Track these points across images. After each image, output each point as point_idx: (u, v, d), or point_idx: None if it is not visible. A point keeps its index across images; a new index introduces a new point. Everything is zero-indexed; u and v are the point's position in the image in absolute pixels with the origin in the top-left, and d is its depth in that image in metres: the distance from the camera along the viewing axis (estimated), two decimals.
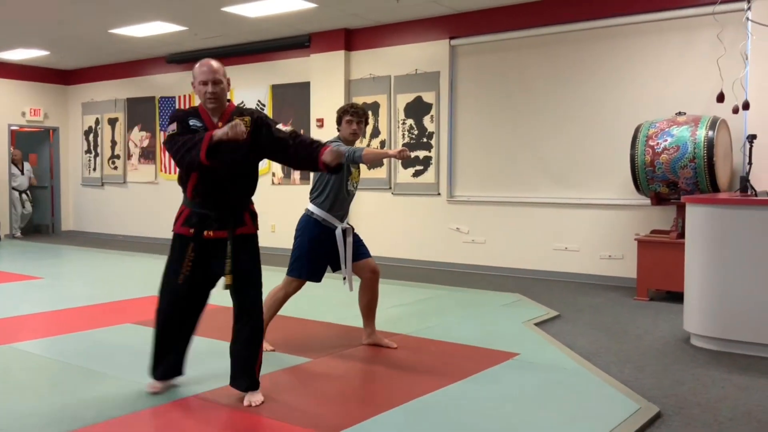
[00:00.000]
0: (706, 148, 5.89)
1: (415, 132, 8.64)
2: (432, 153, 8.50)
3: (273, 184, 9.90)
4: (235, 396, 3.46)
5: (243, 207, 3.46)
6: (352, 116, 4.31)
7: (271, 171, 9.91)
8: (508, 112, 7.94)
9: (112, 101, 12.23)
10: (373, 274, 4.42)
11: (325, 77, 9.28)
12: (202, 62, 3.36)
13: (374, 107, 8.90)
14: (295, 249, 4.33)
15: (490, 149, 8.10)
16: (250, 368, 3.41)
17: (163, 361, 3.55)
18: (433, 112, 8.50)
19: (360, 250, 4.41)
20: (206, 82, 3.32)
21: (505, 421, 3.24)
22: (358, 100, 8.84)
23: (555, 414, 3.33)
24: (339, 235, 4.28)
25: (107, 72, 12.23)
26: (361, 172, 4.70)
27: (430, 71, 8.51)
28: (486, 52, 8.13)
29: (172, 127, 3.33)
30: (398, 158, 4.24)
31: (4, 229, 12.04)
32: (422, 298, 6.38)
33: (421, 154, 8.57)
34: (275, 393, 3.53)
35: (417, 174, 8.64)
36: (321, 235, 4.28)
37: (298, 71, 9.69)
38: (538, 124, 7.72)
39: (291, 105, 9.82)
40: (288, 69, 9.85)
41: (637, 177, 6.31)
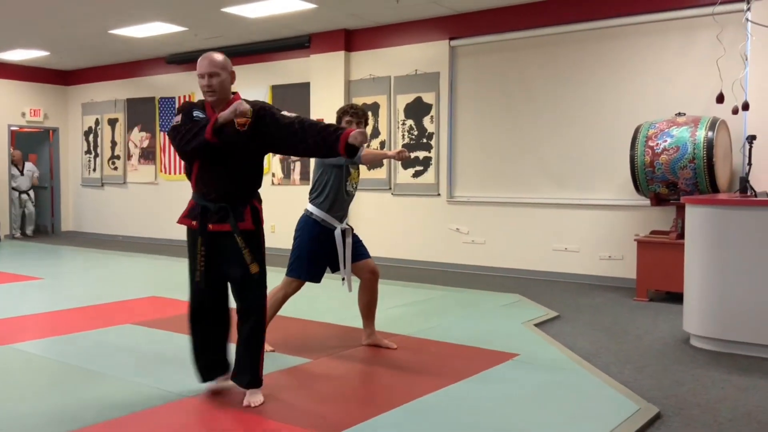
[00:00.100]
0: (705, 149, 5.89)
1: (415, 132, 8.64)
2: (432, 153, 8.51)
3: (273, 184, 9.90)
4: (235, 396, 3.46)
5: (243, 201, 3.38)
6: (351, 117, 4.31)
7: (271, 171, 9.91)
8: (508, 113, 7.95)
9: (112, 102, 12.23)
10: (372, 274, 4.42)
11: (325, 78, 9.28)
12: (203, 56, 3.40)
13: (374, 108, 8.90)
14: (294, 249, 4.33)
15: (490, 150, 8.10)
16: (251, 365, 3.40)
17: (203, 362, 3.52)
18: (432, 112, 8.50)
19: (359, 251, 4.40)
20: (203, 74, 3.35)
21: (505, 421, 3.24)
22: (358, 101, 8.85)
23: (555, 414, 3.33)
24: (338, 235, 4.28)
25: (107, 72, 12.23)
26: (361, 172, 4.70)
27: (430, 72, 8.51)
28: (486, 53, 8.14)
29: (177, 119, 3.37)
30: (397, 159, 4.25)
31: (4, 229, 12.04)
32: (422, 298, 6.38)
33: (421, 154, 8.57)
34: (275, 393, 3.53)
35: (417, 174, 8.64)
36: (320, 235, 4.28)
37: (298, 72, 9.69)
38: (538, 124, 7.73)
39: (291, 105, 9.80)
40: (288, 69, 9.85)
41: (636, 177, 6.31)
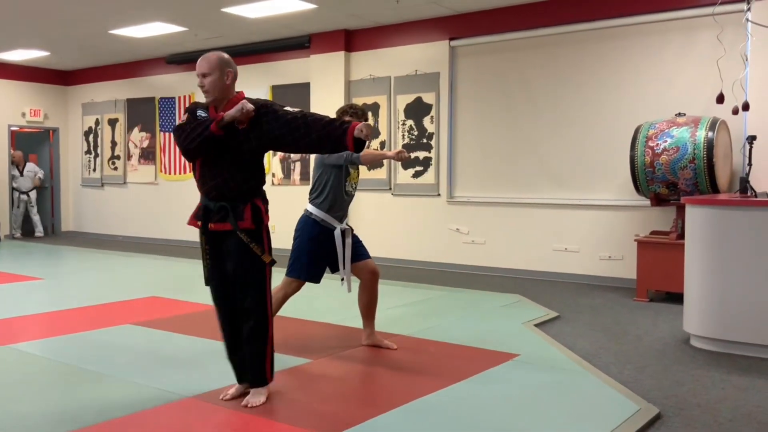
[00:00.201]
0: (705, 149, 5.89)
1: (415, 133, 8.64)
2: (432, 154, 8.50)
3: (273, 184, 9.89)
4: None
5: (243, 200, 3.35)
6: (352, 117, 4.30)
7: (271, 171, 9.91)
8: (508, 113, 7.94)
9: (112, 102, 12.23)
10: (372, 275, 4.42)
11: (325, 78, 9.28)
12: (202, 56, 3.42)
13: (374, 108, 8.90)
14: (294, 249, 4.33)
15: (490, 150, 8.10)
16: (254, 364, 3.40)
17: (233, 362, 3.52)
18: (433, 112, 8.50)
19: (360, 251, 4.40)
20: (198, 74, 3.39)
21: (505, 421, 3.24)
22: (358, 101, 8.85)
23: (555, 415, 3.33)
24: (338, 235, 4.28)
25: (107, 73, 12.23)
26: (361, 173, 4.69)
27: (430, 72, 8.51)
28: (486, 53, 8.14)
29: (182, 119, 3.42)
30: (396, 159, 4.25)
31: (3, 230, 12.04)
32: (422, 298, 6.38)
33: (421, 154, 8.57)
34: (275, 393, 3.52)
35: (417, 175, 8.64)
36: (320, 235, 4.28)
37: (298, 72, 9.69)
38: (538, 124, 7.73)
39: (291, 106, 9.66)
40: (288, 70, 9.85)
41: (636, 178, 6.31)
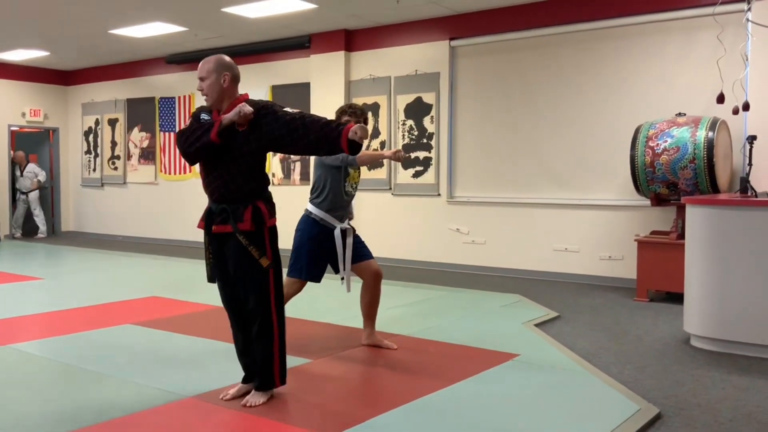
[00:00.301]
0: (706, 149, 5.89)
1: (415, 133, 8.64)
2: (432, 154, 8.50)
3: (273, 184, 9.88)
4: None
5: (244, 202, 3.32)
6: (351, 116, 4.31)
7: (271, 171, 9.91)
8: (508, 113, 7.94)
9: (112, 102, 12.23)
10: (375, 275, 4.41)
11: (325, 78, 9.28)
12: (203, 60, 3.42)
13: (374, 108, 8.90)
14: (294, 250, 4.32)
15: (490, 150, 8.10)
16: (262, 367, 3.41)
17: (241, 362, 3.54)
18: (433, 112, 8.50)
19: (362, 252, 4.39)
20: (198, 78, 3.41)
21: (505, 421, 3.24)
22: (358, 101, 8.85)
23: (555, 414, 3.33)
24: (338, 235, 4.28)
25: (107, 72, 12.23)
26: (361, 173, 4.68)
27: (430, 72, 8.51)
28: (486, 53, 8.13)
29: (187, 123, 3.44)
30: (394, 159, 4.24)
31: (3, 230, 12.04)
32: (422, 298, 6.37)
33: (421, 154, 8.57)
34: (275, 394, 3.52)
35: (417, 175, 8.64)
36: (320, 235, 4.27)
37: (298, 72, 9.69)
38: (538, 124, 7.72)
39: (291, 106, 9.66)
40: (288, 70, 9.85)
41: (637, 178, 6.31)
